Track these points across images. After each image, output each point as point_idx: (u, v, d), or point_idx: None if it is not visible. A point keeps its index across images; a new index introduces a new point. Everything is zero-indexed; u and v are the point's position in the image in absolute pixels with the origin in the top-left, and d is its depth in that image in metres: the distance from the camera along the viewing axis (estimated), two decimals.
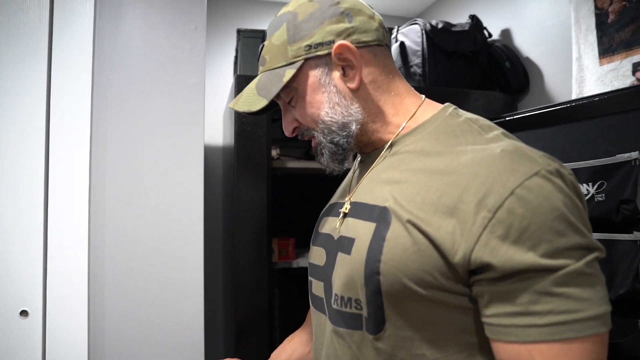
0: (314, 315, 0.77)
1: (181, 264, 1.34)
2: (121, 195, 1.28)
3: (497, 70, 1.60)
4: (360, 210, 0.68)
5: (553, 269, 0.50)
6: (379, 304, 0.61)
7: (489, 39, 1.67)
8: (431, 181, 0.59)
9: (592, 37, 1.29)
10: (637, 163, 0.94)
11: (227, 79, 2.05)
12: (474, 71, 1.60)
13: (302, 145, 1.78)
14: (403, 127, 0.68)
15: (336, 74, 0.68)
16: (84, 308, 1.23)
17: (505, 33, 1.68)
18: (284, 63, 0.69)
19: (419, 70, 1.57)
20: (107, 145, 1.27)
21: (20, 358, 1.18)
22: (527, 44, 1.59)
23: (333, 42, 0.67)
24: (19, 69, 1.20)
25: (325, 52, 0.67)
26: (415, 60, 1.59)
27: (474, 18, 1.64)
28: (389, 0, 2.16)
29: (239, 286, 1.39)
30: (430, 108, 0.69)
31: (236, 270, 1.40)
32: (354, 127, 0.69)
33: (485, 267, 0.53)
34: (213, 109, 1.97)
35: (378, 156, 0.70)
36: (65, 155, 1.23)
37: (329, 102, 0.69)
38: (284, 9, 0.72)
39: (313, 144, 0.74)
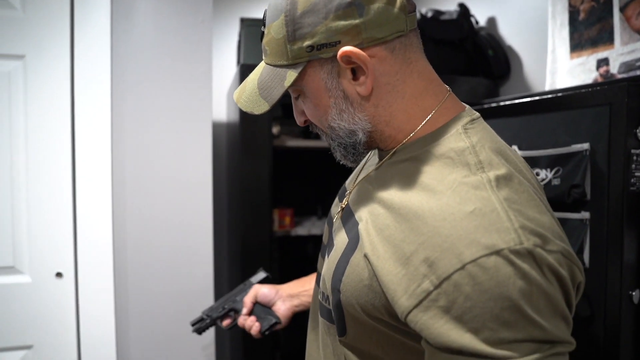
0: (315, 287, 0.79)
1: (193, 230, 1.51)
2: (139, 171, 1.44)
3: (481, 57, 1.72)
4: (347, 217, 0.67)
5: (493, 357, 0.45)
6: (340, 315, 0.62)
7: (476, 26, 1.78)
8: (403, 220, 0.54)
9: (565, 32, 1.42)
10: (587, 153, 1.09)
11: (231, 62, 2.17)
12: (460, 58, 1.73)
13: None
14: (412, 135, 0.62)
15: (345, 78, 0.59)
16: (110, 270, 1.41)
17: (491, 21, 1.79)
18: (285, 62, 0.60)
19: None
20: (126, 126, 1.42)
21: (57, 314, 1.38)
22: (509, 33, 1.71)
23: (339, 42, 0.57)
24: (44, 64, 1.33)
25: (331, 54, 0.58)
26: None
27: (462, 7, 1.75)
28: None
29: (244, 251, 1.57)
30: (445, 114, 0.62)
31: (241, 237, 1.57)
32: (360, 135, 0.63)
33: (420, 332, 0.50)
34: (217, 90, 2.10)
35: (384, 157, 0.66)
36: (88, 138, 1.38)
37: (335, 108, 0.62)
38: None
39: (326, 140, 0.69)
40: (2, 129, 1.30)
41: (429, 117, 0.61)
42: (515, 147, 1.27)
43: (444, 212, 0.51)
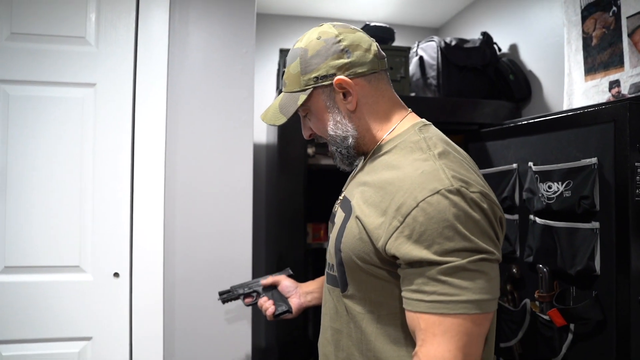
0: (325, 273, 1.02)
1: (233, 241, 1.66)
2: (188, 187, 1.62)
3: (503, 82, 1.83)
4: (344, 203, 0.90)
5: (441, 263, 0.68)
6: (342, 271, 0.85)
7: (498, 53, 1.89)
8: (380, 189, 0.79)
9: (580, 57, 1.51)
10: (596, 167, 1.17)
11: (270, 87, 2.36)
12: (483, 83, 1.84)
13: None
14: (383, 139, 0.88)
15: (338, 98, 0.86)
16: (160, 272, 1.57)
17: (512, 48, 1.90)
18: (298, 89, 0.87)
19: (434, 82, 1.83)
20: (177, 146, 1.61)
21: (113, 310, 1.55)
22: (529, 59, 1.81)
23: (335, 74, 0.84)
24: (111, 91, 1.55)
25: (329, 82, 0.85)
26: (432, 73, 1.84)
27: (485, 35, 1.87)
28: (413, 14, 2.41)
29: (281, 261, 1.70)
30: (406, 123, 0.88)
31: (279, 249, 1.71)
32: (350, 140, 0.88)
33: (395, 257, 0.73)
34: (257, 114, 2.29)
35: (366, 159, 0.91)
36: (145, 156, 1.57)
37: (333, 121, 0.88)
38: (299, 44, 0.89)
39: (329, 149, 0.95)
40: (74, 147, 1.51)
41: (394, 127, 0.89)
42: (531, 164, 1.36)
43: (405, 176, 0.76)
